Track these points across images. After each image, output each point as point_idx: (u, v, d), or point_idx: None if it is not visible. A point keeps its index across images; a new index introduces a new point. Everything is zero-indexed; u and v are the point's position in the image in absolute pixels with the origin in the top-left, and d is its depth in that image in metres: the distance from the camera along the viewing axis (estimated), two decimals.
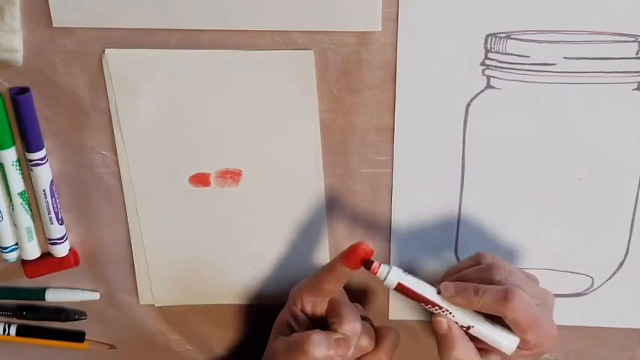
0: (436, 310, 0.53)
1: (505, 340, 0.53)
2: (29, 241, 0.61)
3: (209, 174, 0.60)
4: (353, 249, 0.52)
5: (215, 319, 0.67)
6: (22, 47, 0.54)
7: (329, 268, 0.54)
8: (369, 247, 0.52)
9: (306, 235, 0.62)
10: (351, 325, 0.55)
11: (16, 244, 0.62)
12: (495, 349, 0.53)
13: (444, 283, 0.53)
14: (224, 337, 0.68)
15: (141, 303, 0.66)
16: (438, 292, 0.53)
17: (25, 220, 0.61)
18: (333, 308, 0.56)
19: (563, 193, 0.59)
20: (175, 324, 0.67)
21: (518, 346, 0.53)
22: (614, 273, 0.62)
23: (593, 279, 0.62)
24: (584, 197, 0.59)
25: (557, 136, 0.57)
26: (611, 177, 0.58)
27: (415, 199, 0.60)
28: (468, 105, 0.56)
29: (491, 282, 0.53)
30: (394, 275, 0.52)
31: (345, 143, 0.58)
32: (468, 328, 0.53)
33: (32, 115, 0.57)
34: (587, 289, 0.63)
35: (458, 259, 0.62)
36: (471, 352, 0.53)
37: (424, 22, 0.53)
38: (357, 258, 0.52)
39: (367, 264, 0.52)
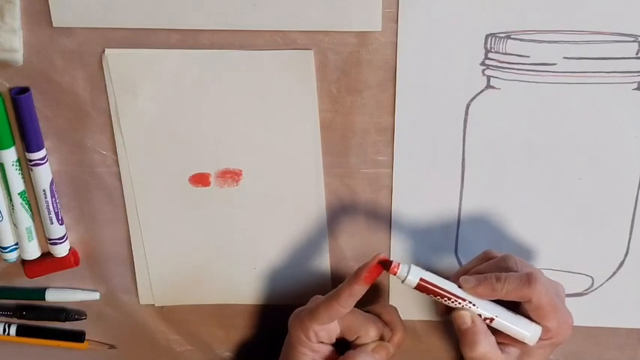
0: (459, 303, 0.53)
1: (528, 331, 0.52)
2: (29, 241, 0.61)
3: (209, 174, 0.60)
4: (372, 265, 0.52)
5: (215, 319, 0.67)
6: (22, 47, 0.54)
7: (345, 292, 0.53)
8: (386, 257, 0.52)
9: (306, 236, 0.62)
10: (375, 330, 0.56)
11: (16, 244, 0.62)
12: (514, 341, 0.53)
13: (463, 276, 0.53)
14: (224, 337, 0.68)
15: (141, 303, 0.66)
16: (459, 287, 0.53)
17: (25, 220, 0.61)
18: (350, 324, 0.56)
19: (563, 193, 0.59)
20: (175, 324, 0.67)
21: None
22: (614, 273, 0.62)
23: (593, 279, 0.62)
24: (584, 197, 0.59)
25: (557, 136, 0.57)
26: (611, 177, 0.58)
27: (415, 199, 0.60)
28: (468, 105, 0.56)
29: (508, 271, 0.53)
30: (414, 273, 0.52)
31: (345, 143, 0.58)
32: (492, 320, 0.53)
33: (32, 115, 0.57)
34: (587, 289, 0.63)
35: (458, 259, 0.62)
36: (494, 346, 0.53)
37: (424, 22, 0.53)
38: (378, 271, 0.52)
39: (386, 264, 0.52)
